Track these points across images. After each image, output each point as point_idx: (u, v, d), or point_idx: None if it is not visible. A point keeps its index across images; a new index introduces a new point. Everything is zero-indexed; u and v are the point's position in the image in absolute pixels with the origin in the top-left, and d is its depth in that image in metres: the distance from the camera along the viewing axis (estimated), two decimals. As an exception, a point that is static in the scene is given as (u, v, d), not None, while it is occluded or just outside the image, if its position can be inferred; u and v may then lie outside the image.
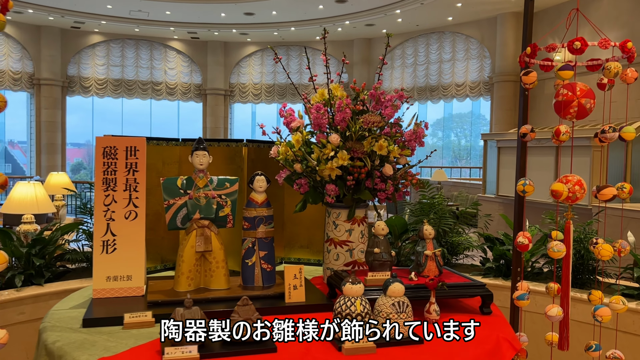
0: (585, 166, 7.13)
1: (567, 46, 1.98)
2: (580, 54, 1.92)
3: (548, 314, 2.14)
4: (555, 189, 2.02)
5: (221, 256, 2.19)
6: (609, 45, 1.93)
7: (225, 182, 2.23)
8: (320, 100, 2.43)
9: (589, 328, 2.92)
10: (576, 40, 1.92)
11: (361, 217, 2.47)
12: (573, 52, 1.95)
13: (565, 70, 1.93)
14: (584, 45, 1.91)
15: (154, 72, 21.37)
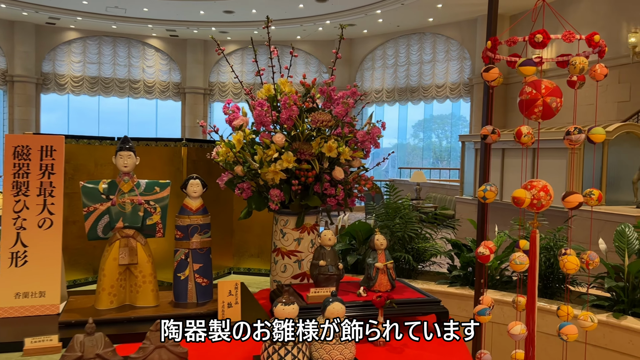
0: (562, 168, 7.01)
1: (529, 39, 1.79)
2: (543, 47, 1.73)
3: (511, 332, 1.95)
4: (517, 195, 1.83)
5: (149, 269, 1.96)
6: (573, 38, 1.74)
7: (154, 186, 2.00)
8: (266, 96, 2.21)
9: (559, 341, 2.75)
10: (537, 33, 1.73)
11: (311, 224, 2.26)
12: (535, 45, 1.76)
13: (526, 66, 1.74)
14: (546, 39, 1.72)
15: (132, 70, 20.95)
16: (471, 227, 6.15)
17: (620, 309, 2.82)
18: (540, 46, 1.73)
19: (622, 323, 2.71)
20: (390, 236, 3.62)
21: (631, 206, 6.72)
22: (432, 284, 3.48)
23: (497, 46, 1.91)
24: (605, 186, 7.12)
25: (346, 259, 3.55)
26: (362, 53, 20.12)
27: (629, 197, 7.03)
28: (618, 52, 12.70)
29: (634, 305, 2.81)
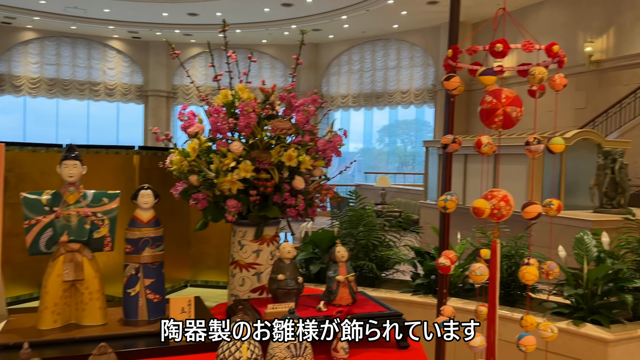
0: (522, 174, 7.14)
1: (489, 48, 1.77)
2: (503, 57, 1.71)
3: (470, 344, 1.92)
4: (477, 206, 1.80)
5: (96, 286, 1.84)
6: (533, 48, 1.73)
7: (102, 197, 1.89)
8: (223, 102, 2.13)
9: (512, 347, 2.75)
10: (498, 42, 1.71)
11: (271, 235, 2.18)
12: (495, 55, 1.74)
13: (486, 75, 1.72)
14: (506, 48, 1.71)
15: (92, 71, 20.44)
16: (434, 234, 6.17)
17: (580, 316, 2.84)
18: (500, 55, 1.71)
19: (581, 330, 2.73)
20: (354, 244, 3.57)
21: (588, 211, 6.89)
22: (395, 293, 3.45)
23: (457, 55, 1.89)
24: (564, 191, 7.29)
25: (309, 268, 3.49)
26: (328, 58, 20.17)
27: (587, 202, 7.20)
28: (575, 61, 13.09)
29: (593, 312, 2.84)
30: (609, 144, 7.35)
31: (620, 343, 2.66)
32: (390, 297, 3.36)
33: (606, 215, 6.32)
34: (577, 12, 13.51)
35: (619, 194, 6.62)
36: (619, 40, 12.54)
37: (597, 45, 12.99)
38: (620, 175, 6.54)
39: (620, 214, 6.19)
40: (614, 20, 12.61)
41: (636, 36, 12.15)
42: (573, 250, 3.07)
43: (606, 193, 6.68)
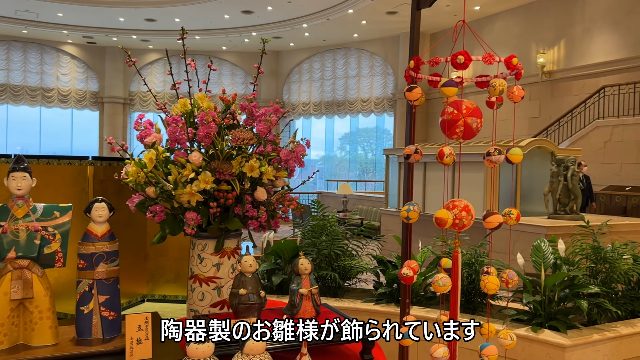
0: (480, 181, 7.28)
1: (451, 60, 1.78)
2: (464, 69, 1.73)
3: (434, 356, 1.92)
4: (440, 216, 1.81)
5: (46, 304, 1.75)
6: (493, 60, 1.76)
7: (54, 210, 1.80)
8: (182, 111, 2.07)
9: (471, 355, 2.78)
10: (460, 54, 1.72)
11: (232, 248, 2.13)
12: (457, 66, 1.75)
13: (448, 87, 1.73)
14: (468, 60, 1.73)
15: (45, 77, 19.76)
16: (396, 242, 6.21)
17: (538, 323, 2.90)
18: (462, 67, 1.73)
19: (539, 337, 2.78)
20: (317, 254, 3.54)
21: (543, 217, 7.09)
22: (358, 302, 3.43)
23: (419, 66, 1.90)
24: (520, 198, 7.48)
25: (271, 279, 3.43)
26: (289, 66, 20.17)
27: (541, 208, 7.42)
28: (529, 72, 13.53)
29: (550, 318, 2.90)
30: (561, 152, 7.60)
31: (577, 348, 2.72)
32: (353, 307, 3.34)
33: (560, 221, 6.52)
34: (530, 25, 13.99)
35: (572, 201, 6.84)
36: (569, 52, 13.04)
37: (549, 57, 13.47)
38: (572, 182, 6.76)
39: (573, 220, 6.40)
40: (565, 33, 13.11)
41: (585, 48, 12.66)
42: (531, 258, 3.13)
43: (559, 200, 6.89)
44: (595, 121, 11.61)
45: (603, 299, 3.00)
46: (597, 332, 2.85)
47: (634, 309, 3.18)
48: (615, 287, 3.16)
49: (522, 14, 14.20)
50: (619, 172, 11.01)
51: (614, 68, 11.92)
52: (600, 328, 2.92)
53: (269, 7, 15.21)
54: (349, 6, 14.62)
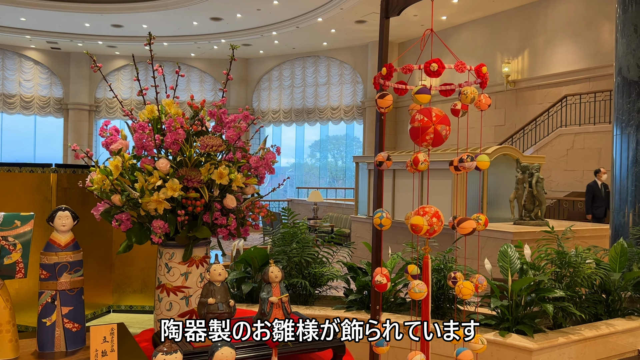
0: (448, 188, 7.39)
1: (424, 68, 1.80)
2: (437, 76, 1.76)
3: None
4: (415, 223, 1.82)
5: (5, 317, 1.68)
6: (465, 68, 1.79)
7: (14, 219, 1.73)
8: (149, 117, 2.03)
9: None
10: (433, 62, 1.75)
11: (201, 257, 2.10)
12: (430, 74, 1.78)
13: (422, 94, 1.75)
14: (441, 68, 1.75)
15: (6, 83, 19.20)
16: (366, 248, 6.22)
17: (506, 327, 2.94)
18: (435, 75, 1.75)
19: (507, 341, 2.82)
20: (287, 261, 3.53)
21: (509, 222, 7.23)
22: (329, 310, 3.42)
23: (392, 73, 1.91)
24: (487, 205, 7.62)
25: (241, 288, 3.39)
26: (259, 73, 20.13)
27: (507, 214, 7.57)
28: (494, 80, 13.84)
29: (517, 322, 2.95)
30: (526, 159, 7.78)
31: (544, 352, 2.77)
32: (323, 315, 3.33)
33: (525, 227, 6.66)
34: (495, 35, 14.33)
35: (537, 207, 7.00)
36: (533, 62, 13.40)
37: (514, 66, 13.81)
38: (537, 189, 6.92)
39: (538, 226, 6.55)
40: (528, 43, 13.48)
41: (548, 58, 13.03)
42: (498, 263, 3.19)
43: (525, 206, 7.04)
44: (558, 129, 11.94)
45: (568, 302, 3.07)
46: (563, 335, 2.91)
47: (597, 312, 3.26)
48: (579, 291, 3.24)
49: (487, 25, 14.54)
50: (581, 179, 11.33)
51: (575, 78, 12.31)
52: (565, 331, 2.98)
53: (238, 15, 15.17)
54: (319, 15, 14.70)
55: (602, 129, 10.88)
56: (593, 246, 3.55)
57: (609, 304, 3.32)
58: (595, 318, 3.25)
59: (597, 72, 11.76)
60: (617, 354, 3.09)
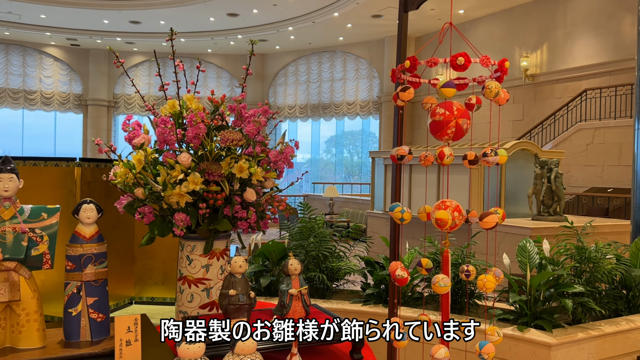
0: (464, 184, 7.35)
1: (450, 61, 1.80)
2: (464, 70, 1.75)
3: (435, 357, 1.93)
4: (440, 217, 1.83)
5: (33, 306, 1.73)
6: (489, 63, 1.78)
7: (41, 212, 1.78)
8: (170, 112, 2.06)
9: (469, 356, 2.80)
10: (460, 56, 1.75)
11: (221, 249, 2.13)
12: (456, 68, 1.77)
13: (447, 88, 1.75)
14: (467, 62, 1.75)
15: (27, 79, 19.50)
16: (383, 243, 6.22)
17: (524, 322, 2.93)
18: (462, 68, 1.75)
19: (525, 336, 2.81)
20: (305, 255, 3.55)
21: (527, 218, 7.17)
22: (346, 303, 3.44)
23: (416, 66, 1.91)
24: (504, 200, 7.56)
25: (259, 281, 3.43)
26: (275, 69, 20.18)
27: (525, 210, 7.51)
28: (512, 75, 13.69)
29: (536, 317, 2.94)
30: (545, 154, 7.70)
31: (563, 347, 2.76)
32: (341, 308, 3.35)
33: (543, 223, 6.60)
34: (513, 29, 14.17)
35: (555, 202, 6.93)
36: (552, 56, 13.22)
37: (532, 60, 13.65)
38: (556, 184, 6.85)
39: (556, 222, 6.49)
40: (547, 37, 13.30)
41: (567, 52, 12.85)
42: (516, 258, 3.17)
43: (543, 201, 6.98)
44: (578, 124, 11.78)
45: (587, 298, 3.05)
46: (582, 330, 2.89)
47: (617, 307, 3.23)
48: (599, 287, 3.21)
49: (505, 18, 14.38)
50: (600, 174, 11.18)
51: (596, 72, 12.12)
52: (584, 327, 2.96)
53: (254, 10, 15.20)
54: (335, 9, 14.67)
55: (623, 124, 10.71)
56: (613, 242, 3.52)
57: (630, 300, 3.29)
58: (616, 314, 3.22)
59: (618, 65, 11.57)
60: (637, 350, 3.06)
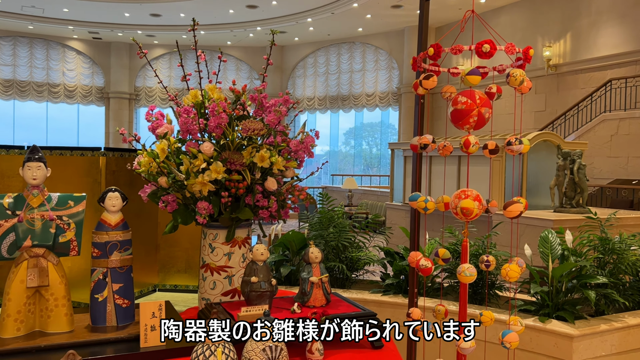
0: (485, 175, 7.28)
1: (476, 49, 1.79)
2: (489, 58, 1.74)
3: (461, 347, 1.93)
4: (466, 206, 1.82)
5: (61, 292, 1.78)
6: (514, 50, 1.77)
7: (68, 199, 1.82)
8: (193, 102, 2.09)
9: (488, 346, 2.80)
10: (485, 43, 1.73)
11: (243, 238, 2.15)
12: (482, 55, 1.76)
13: (473, 75, 1.74)
14: (493, 49, 1.74)
15: (51, 72, 19.82)
16: (402, 234, 6.19)
17: (546, 313, 2.91)
18: (487, 56, 1.74)
19: (547, 327, 2.79)
20: (325, 245, 3.57)
21: (549, 210, 7.08)
22: (366, 293, 3.46)
23: (440, 54, 1.90)
24: (526, 192, 7.48)
25: (279, 271, 3.46)
26: (294, 60, 20.17)
27: (547, 202, 7.41)
28: (534, 65, 13.47)
29: (558, 309, 2.91)
30: (567, 146, 7.59)
31: (585, 338, 2.73)
32: (360, 298, 3.36)
33: (566, 215, 6.52)
34: (536, 18, 13.92)
35: (578, 194, 6.83)
36: (575, 45, 12.97)
37: (555, 50, 13.40)
38: (578, 176, 6.75)
39: (579, 214, 6.39)
40: (571, 26, 13.04)
41: (592, 41, 12.59)
42: (538, 249, 3.14)
43: (565, 193, 6.88)
44: (602, 114, 11.56)
45: (611, 289, 3.01)
46: (605, 322, 2.86)
47: (641, 300, 3.19)
48: (622, 278, 3.17)
49: (527, 7, 14.13)
50: (625, 166, 10.97)
51: (621, 61, 11.86)
52: (607, 319, 2.93)
53: (273, 2, 15.19)
54: (354, 0, 14.59)
55: (649, 114, 10.48)
56: (638, 233, 3.46)
57: (654, 292, 3.24)
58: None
59: (645, 54, 11.31)
60: (662, 342, 3.02)
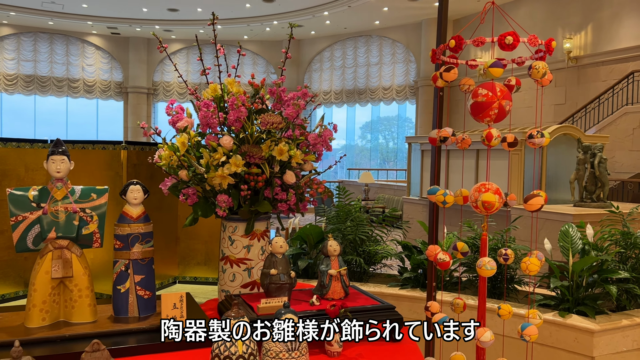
0: (503, 169, 7.21)
1: (499, 41, 1.78)
2: (512, 50, 1.73)
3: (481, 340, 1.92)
4: (487, 199, 1.82)
5: (85, 283, 1.81)
6: (537, 42, 1.75)
7: (91, 192, 1.86)
8: (212, 96, 2.10)
9: (503, 340, 2.78)
10: (508, 35, 1.72)
11: (262, 231, 2.17)
12: (504, 47, 1.75)
13: (495, 67, 1.73)
14: (516, 41, 1.72)
15: (71, 68, 20.07)
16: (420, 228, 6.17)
17: (566, 308, 2.88)
18: (510, 48, 1.72)
19: (567, 322, 2.77)
20: (342, 239, 3.57)
21: (569, 205, 6.99)
22: (383, 287, 3.46)
23: (462, 46, 1.88)
24: (545, 186, 7.39)
25: (297, 264, 3.47)
26: (310, 54, 20.14)
27: (567, 196, 7.32)
28: (554, 57, 13.25)
29: (578, 303, 2.88)
30: (588, 139, 7.47)
31: (606, 333, 2.70)
32: (378, 291, 3.37)
33: (586, 209, 6.43)
34: (556, 9, 13.69)
35: (599, 188, 6.73)
36: (597, 37, 12.74)
37: (576, 42, 13.18)
38: (599, 170, 6.65)
39: (599, 208, 6.30)
40: (592, 17, 12.81)
41: (614, 33, 12.35)
42: (558, 243, 3.11)
43: (586, 187, 6.78)
44: (624, 107, 11.34)
45: (633, 284, 2.97)
46: (627, 317, 2.83)
47: (664, 295, 3.14)
48: (645, 273, 3.12)
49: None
50: (648, 160, 10.77)
51: (644, 53, 11.62)
52: (629, 314, 2.89)
53: (290, -5, 15.18)
54: (371, -7, 14.50)
55: (672, 107, 10.26)
56: (661, 228, 3.40)
57: (678, 288, 3.18)
58: (662, 302, 3.12)
59: (669, 46, 11.06)
60: (685, 339, 2.97)
